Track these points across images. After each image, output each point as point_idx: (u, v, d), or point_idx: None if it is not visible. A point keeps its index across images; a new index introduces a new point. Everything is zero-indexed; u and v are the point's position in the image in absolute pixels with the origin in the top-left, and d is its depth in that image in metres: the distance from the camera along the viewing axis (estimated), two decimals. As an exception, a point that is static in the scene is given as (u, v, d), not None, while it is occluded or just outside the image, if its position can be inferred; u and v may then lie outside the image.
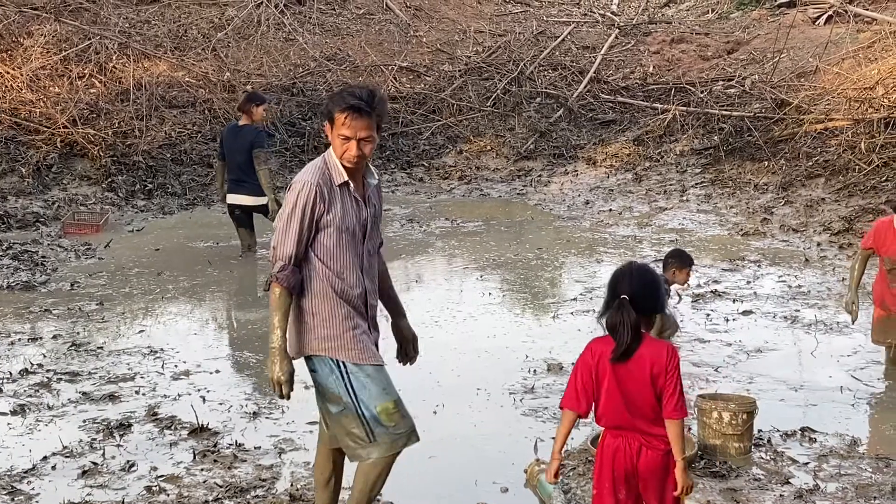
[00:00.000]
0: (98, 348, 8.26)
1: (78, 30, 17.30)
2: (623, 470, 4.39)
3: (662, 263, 8.79)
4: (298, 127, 16.77)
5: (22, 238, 12.06)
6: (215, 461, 6.05)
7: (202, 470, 5.94)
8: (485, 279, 10.88)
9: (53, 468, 5.99)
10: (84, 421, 6.72)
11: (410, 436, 4.96)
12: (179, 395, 7.19)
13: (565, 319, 9.32)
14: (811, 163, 14.29)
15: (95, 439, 6.38)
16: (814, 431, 6.64)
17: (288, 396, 4.84)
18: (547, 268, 11.45)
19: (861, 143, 14.01)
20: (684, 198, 14.47)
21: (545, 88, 18.44)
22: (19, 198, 13.26)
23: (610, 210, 14.28)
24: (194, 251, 11.98)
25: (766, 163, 14.76)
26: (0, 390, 7.26)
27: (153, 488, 5.68)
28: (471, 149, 17.00)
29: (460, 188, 15.93)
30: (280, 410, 6.91)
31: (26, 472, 5.91)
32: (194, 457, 6.12)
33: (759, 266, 11.20)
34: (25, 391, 7.26)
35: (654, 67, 19.22)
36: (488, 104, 18.05)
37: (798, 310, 9.45)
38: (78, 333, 8.71)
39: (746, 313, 9.37)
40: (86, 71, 16.33)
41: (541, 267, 11.45)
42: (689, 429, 6.03)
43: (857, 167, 13.65)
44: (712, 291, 10.08)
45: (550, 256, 11.86)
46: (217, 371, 7.77)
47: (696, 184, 14.90)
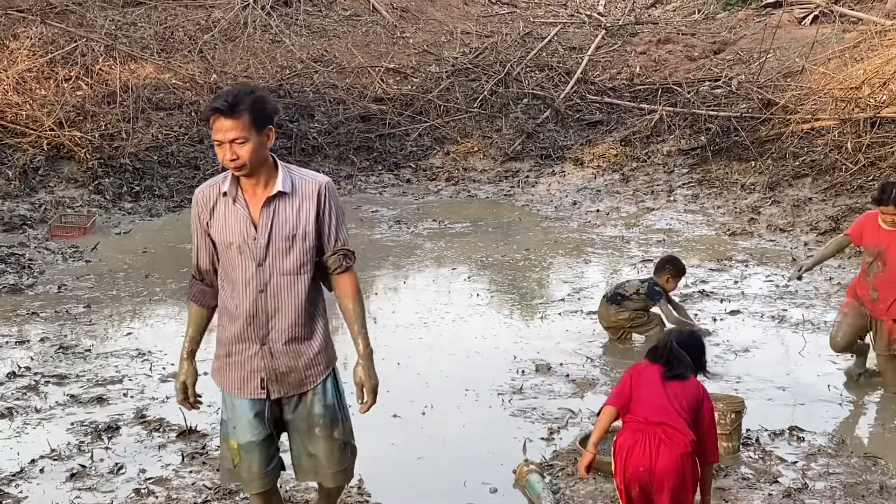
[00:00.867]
0: (86, 351, 8.24)
1: (64, 32, 17.25)
2: (638, 466, 4.46)
3: (657, 266, 8.80)
4: (285, 129, 16.73)
5: (8, 241, 12.01)
6: (204, 463, 6.04)
7: (191, 472, 5.93)
8: (473, 280, 10.89)
9: (41, 471, 5.97)
10: (72, 424, 6.70)
11: (247, 486, 4.64)
12: (167, 398, 7.17)
13: (553, 320, 9.33)
14: (798, 162, 14.33)
15: (83, 442, 6.37)
16: (802, 430, 6.66)
17: (190, 405, 4.71)
18: (535, 269, 11.46)
19: (847, 143, 14.06)
20: (671, 198, 14.50)
21: (532, 89, 18.45)
22: (6, 200, 13.20)
23: (597, 211, 14.29)
24: (182, 253, 11.94)
25: (753, 163, 14.79)
26: (-13, 394, 7.24)
27: (142, 490, 5.67)
28: (458, 150, 17.00)
29: (448, 189, 15.93)
30: (269, 412, 6.89)
31: (14, 476, 5.89)
32: (183, 459, 6.10)
33: (747, 266, 11.23)
34: (13, 394, 7.24)
35: (641, 68, 19.25)
36: (475, 105, 18.05)
37: (785, 309, 9.47)
38: (65, 336, 8.69)
39: (734, 313, 9.39)
40: (72, 73, 16.28)
41: (528, 268, 11.46)
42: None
43: (844, 167, 13.70)
44: (700, 291, 10.10)
45: (538, 257, 11.87)
46: (205, 373, 7.70)
47: (684, 184, 14.93)
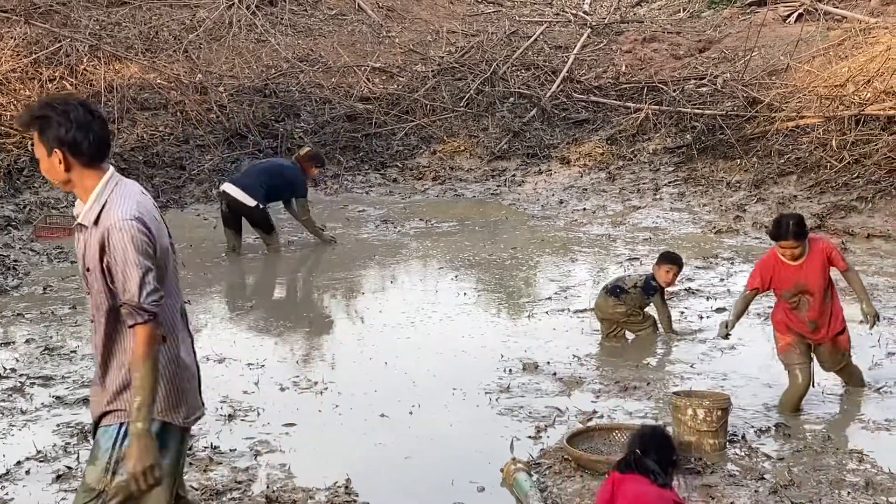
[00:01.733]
0: (71, 352, 8.21)
1: (48, 32, 17.19)
2: None
3: (660, 258, 8.78)
4: (271, 129, 16.71)
5: (-7, 242, 11.98)
6: (190, 464, 6.01)
7: (178, 473, 5.90)
8: (460, 279, 10.89)
9: (27, 473, 5.95)
10: (58, 425, 6.68)
11: None
12: (154, 399, 7.15)
13: (540, 319, 9.34)
14: (783, 160, 14.37)
15: (70, 443, 6.35)
16: (787, 427, 6.67)
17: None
18: (522, 267, 11.47)
19: (832, 141, 14.11)
20: (657, 196, 14.52)
21: (518, 88, 18.46)
22: (-10, 202, 13.16)
23: (584, 209, 14.31)
24: (168, 254, 11.91)
25: (739, 161, 14.83)
26: (-28, 395, 7.21)
27: (128, 492, 5.64)
28: (444, 149, 16.99)
29: (434, 189, 15.92)
30: (256, 413, 6.90)
31: (0, 477, 5.86)
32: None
33: (733, 263, 11.25)
34: (-2, 396, 7.22)
35: (627, 66, 19.27)
36: (461, 104, 18.05)
37: (771, 307, 9.46)
38: (51, 337, 8.66)
39: (720, 311, 9.40)
40: (56, 73, 16.23)
41: (515, 266, 11.46)
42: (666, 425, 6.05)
43: (829, 164, 13.75)
44: (686, 289, 10.11)
45: (525, 256, 11.88)
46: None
47: (670, 182, 14.96)
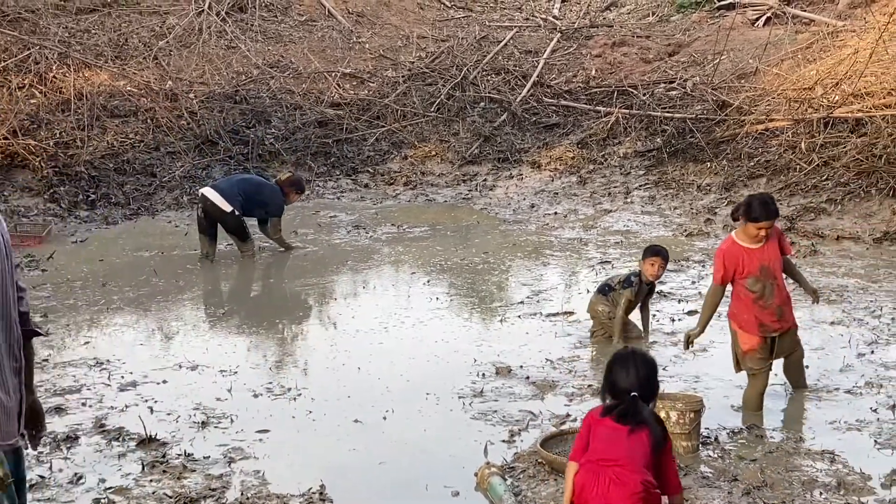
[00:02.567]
0: (43, 361, 8.14)
1: (17, 40, 17.08)
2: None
3: (644, 251, 8.80)
4: (242, 135, 16.67)
5: (-38, 251, 11.87)
6: (164, 472, 6.00)
7: (151, 481, 5.89)
8: (432, 284, 10.90)
9: None
10: (29, 435, 6.63)
11: None
12: (127, 407, 7.13)
13: (513, 323, 9.36)
14: (753, 163, 14.48)
15: (42, 452, 6.30)
16: (760, 429, 6.72)
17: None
18: (494, 272, 11.49)
19: (801, 143, 14.22)
20: (629, 200, 14.59)
21: (489, 93, 18.50)
22: (-41, 210, 13.07)
23: (555, 213, 14.35)
24: (139, 261, 11.87)
25: (709, 164, 14.93)
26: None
27: (102, 500, 5.63)
28: (416, 154, 17.01)
29: (406, 194, 15.93)
30: (229, 420, 6.87)
31: (-29, 489, 5.82)
32: (143, 468, 6.06)
33: (704, 266, 11.31)
34: (-32, 406, 7.15)
35: (597, 71, 19.36)
36: (432, 109, 18.08)
37: None
38: (21, 347, 8.58)
39: (692, 313, 9.45)
40: (26, 81, 16.12)
41: (487, 271, 11.48)
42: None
43: (798, 167, 13.86)
44: (658, 292, 10.14)
45: (497, 260, 11.90)
46: (164, 381, 7.71)
47: (640, 185, 15.03)
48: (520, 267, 11.68)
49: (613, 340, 8.52)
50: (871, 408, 7.08)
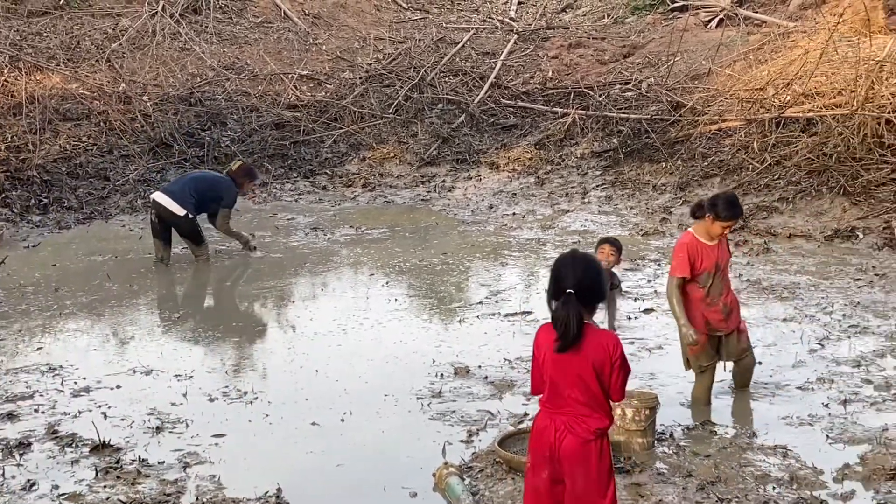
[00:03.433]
0: (-6, 367, 8.07)
1: (-33, 43, 16.91)
2: (546, 449, 4.49)
3: (602, 242, 8.82)
4: (198, 137, 16.58)
5: (-87, 257, 11.73)
6: (118, 477, 5.96)
7: (105, 487, 5.84)
8: (391, 286, 10.89)
9: (-50, 491, 5.84)
10: (-19, 441, 6.56)
11: None
12: (80, 412, 7.06)
13: (472, 323, 9.38)
14: (707, 163, 14.59)
15: (-7, 459, 6.24)
16: (714, 425, 6.78)
17: None
18: (452, 272, 11.50)
19: (754, 143, 14.36)
20: (586, 200, 14.66)
21: (446, 94, 18.52)
22: None
23: (513, 214, 14.39)
24: (92, 266, 11.77)
25: (664, 164, 15.03)
26: None
27: (55, 507, 5.58)
28: (374, 156, 17.00)
29: (364, 195, 15.91)
30: (184, 424, 6.83)
31: (-78, 497, 5.75)
32: (97, 474, 6.01)
33: (660, 265, 11.39)
34: (-81, 414, 7.06)
35: (553, 72, 19.42)
36: (390, 111, 18.07)
37: None
38: (-27, 353, 8.50)
39: (648, 311, 9.53)
40: (-24, 84, 15.96)
41: (446, 272, 11.49)
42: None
43: (751, 166, 13.98)
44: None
45: (455, 261, 11.91)
46: (118, 387, 7.65)
47: (597, 186, 15.11)
48: (478, 267, 11.69)
49: None
50: (823, 403, 7.17)
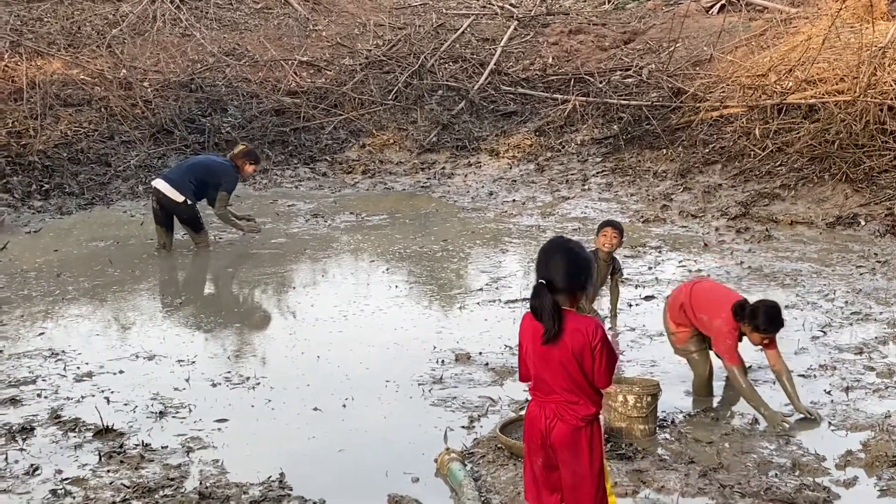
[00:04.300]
0: (-4, 352, 8.08)
1: (-33, 28, 16.89)
2: (538, 437, 4.50)
3: (599, 226, 8.89)
4: (198, 123, 16.57)
5: (-86, 242, 11.73)
6: (122, 462, 5.96)
7: (108, 471, 5.85)
8: (391, 272, 10.89)
9: (-46, 476, 5.85)
10: (-16, 426, 6.57)
11: None
12: (83, 397, 7.07)
13: (472, 310, 9.38)
14: (708, 149, 14.59)
15: (-3, 445, 6.25)
16: (716, 412, 6.79)
17: None
18: (453, 259, 11.50)
19: (755, 129, 14.36)
20: (586, 187, 14.65)
21: (446, 81, 18.50)
22: None
23: (513, 200, 14.39)
24: (94, 251, 11.77)
25: (665, 150, 15.03)
26: None
27: (58, 491, 5.58)
28: (374, 143, 16.99)
29: (364, 182, 15.91)
30: (187, 409, 6.84)
31: (-75, 481, 5.76)
32: (100, 458, 6.02)
33: (660, 252, 11.39)
34: (-78, 399, 7.07)
35: (554, 58, 19.40)
36: (390, 97, 18.05)
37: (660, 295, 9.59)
38: (-25, 338, 8.51)
39: (649, 298, 9.54)
40: (-24, 70, 15.95)
41: (446, 259, 11.49)
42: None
43: (753, 153, 13.99)
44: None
45: (456, 248, 11.91)
46: (121, 371, 7.66)
47: (597, 173, 15.10)
48: (479, 254, 11.70)
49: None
50: (825, 390, 7.18)
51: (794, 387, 6.74)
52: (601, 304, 9.07)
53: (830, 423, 6.56)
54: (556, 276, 4.43)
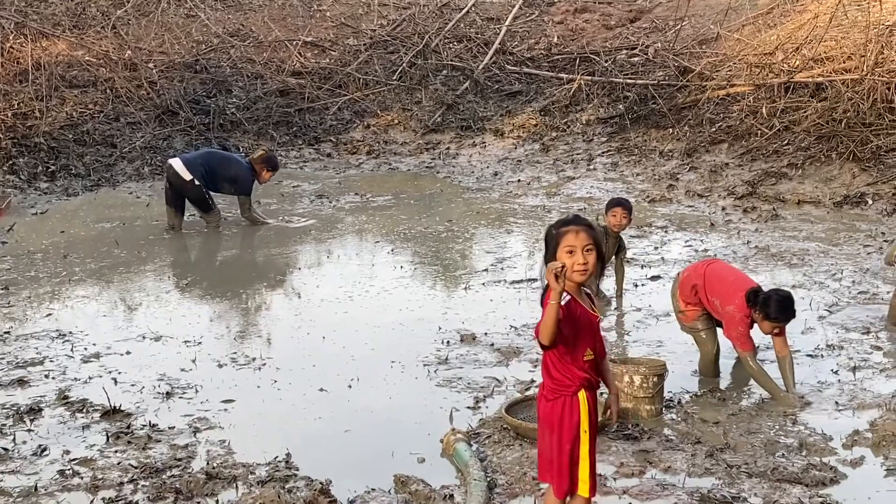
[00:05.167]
0: (4, 333, 8.09)
1: (-29, 10, 16.85)
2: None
3: (607, 205, 8.94)
4: (203, 105, 16.55)
5: (-80, 224, 11.75)
6: (129, 442, 5.98)
7: (116, 452, 5.86)
8: (396, 253, 10.89)
9: (-38, 456, 5.87)
10: (-8, 407, 6.59)
11: None
12: (90, 378, 7.08)
13: (477, 290, 9.37)
14: (714, 128, 14.55)
15: (5, 425, 6.26)
16: (723, 392, 6.78)
17: None
18: (457, 240, 11.49)
19: (762, 108, 14.31)
20: (591, 167, 14.62)
21: (451, 61, 18.44)
22: (-84, 183, 12.90)
23: (518, 181, 14.36)
24: (101, 233, 11.78)
25: (671, 130, 14.98)
26: None
27: (66, 472, 5.59)
28: (378, 123, 16.96)
29: (369, 163, 15.89)
30: (194, 390, 6.85)
31: (-67, 462, 5.78)
32: (107, 439, 6.03)
33: (666, 232, 11.38)
34: (-71, 380, 7.09)
35: (559, 38, 19.32)
36: (394, 78, 18.00)
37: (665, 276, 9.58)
38: (-18, 320, 8.53)
39: (655, 278, 9.52)
40: (-19, 51, 15.92)
41: (451, 239, 11.48)
42: (602, 394, 6.09)
43: (759, 132, 13.94)
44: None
45: (461, 228, 11.91)
46: (128, 353, 7.67)
47: (603, 152, 15.07)
48: (483, 235, 11.69)
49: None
50: (832, 370, 7.17)
51: (793, 374, 6.76)
52: (607, 285, 9.05)
53: (837, 403, 6.55)
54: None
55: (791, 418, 6.30)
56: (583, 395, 4.44)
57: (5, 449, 5.91)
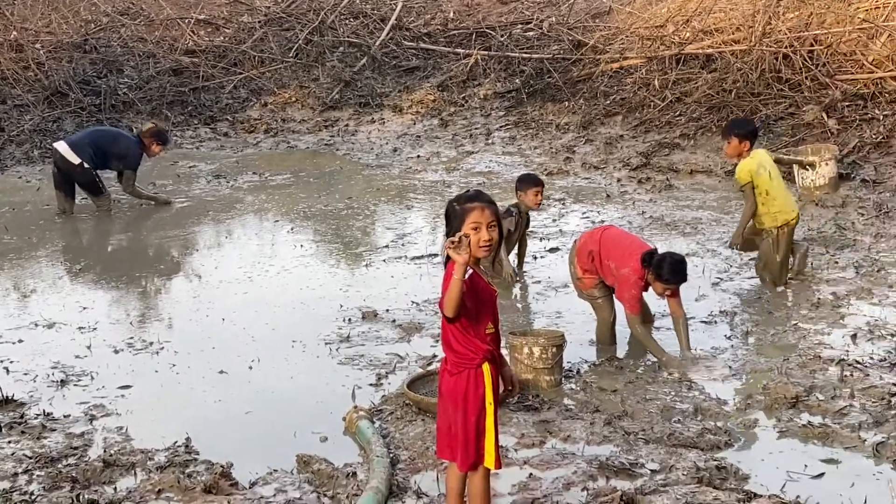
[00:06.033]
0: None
1: None
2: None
3: (525, 181, 8.90)
4: (94, 85, 16.21)
5: None
6: (23, 433, 5.85)
7: (10, 442, 5.73)
8: (296, 231, 10.81)
9: None
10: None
11: None
12: (-18, 368, 6.92)
13: (378, 267, 9.37)
14: (609, 101, 14.72)
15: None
16: (620, 360, 6.89)
17: None
18: (358, 217, 11.46)
19: (655, 80, 14.51)
20: (489, 141, 14.69)
21: (347, 37, 18.33)
22: None
23: (418, 156, 14.36)
24: (-10, 219, 11.49)
25: (567, 103, 15.12)
26: None
27: (-42, 466, 5.46)
28: (275, 101, 16.80)
29: (267, 141, 15.74)
30: (89, 377, 6.73)
31: None
32: (1, 429, 5.90)
33: (564, 204, 11.49)
34: None
35: (455, 13, 19.35)
36: (291, 55, 17.84)
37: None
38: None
39: (553, 250, 9.62)
40: None
41: (352, 216, 11.45)
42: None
43: (652, 103, 14.15)
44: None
45: (361, 205, 11.87)
46: (20, 341, 7.50)
47: (501, 126, 15.14)
48: (384, 211, 11.67)
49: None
50: (726, 335, 7.33)
51: (688, 334, 6.94)
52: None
53: (731, 368, 6.70)
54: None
55: (686, 384, 6.42)
56: (486, 368, 4.46)
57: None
